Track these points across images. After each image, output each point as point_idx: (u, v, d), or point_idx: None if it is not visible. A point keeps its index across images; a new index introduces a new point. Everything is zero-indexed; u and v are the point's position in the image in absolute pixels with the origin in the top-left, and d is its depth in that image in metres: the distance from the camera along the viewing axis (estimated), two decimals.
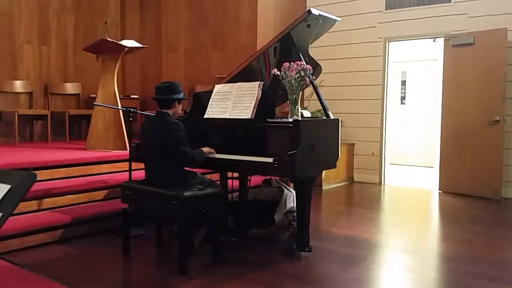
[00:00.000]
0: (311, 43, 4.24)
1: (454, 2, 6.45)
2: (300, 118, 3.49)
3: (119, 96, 5.64)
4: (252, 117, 3.50)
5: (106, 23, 5.89)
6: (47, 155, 4.96)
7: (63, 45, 7.31)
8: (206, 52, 7.46)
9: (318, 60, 4.22)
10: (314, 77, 3.79)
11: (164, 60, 7.97)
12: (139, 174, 3.97)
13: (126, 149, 5.02)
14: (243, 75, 4.06)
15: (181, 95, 3.53)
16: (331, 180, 6.82)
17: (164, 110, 3.49)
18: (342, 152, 5.85)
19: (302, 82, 3.49)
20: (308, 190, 3.57)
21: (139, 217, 3.72)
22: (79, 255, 3.61)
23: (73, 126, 7.09)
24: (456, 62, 6.28)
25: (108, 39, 5.35)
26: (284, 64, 3.51)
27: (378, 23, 7.08)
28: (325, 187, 6.68)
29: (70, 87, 7.32)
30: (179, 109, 3.56)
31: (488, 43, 5.96)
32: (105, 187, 4.55)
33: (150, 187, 3.42)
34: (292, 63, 3.50)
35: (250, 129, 3.55)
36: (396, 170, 8.15)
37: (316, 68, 4.07)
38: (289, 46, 3.94)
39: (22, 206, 3.79)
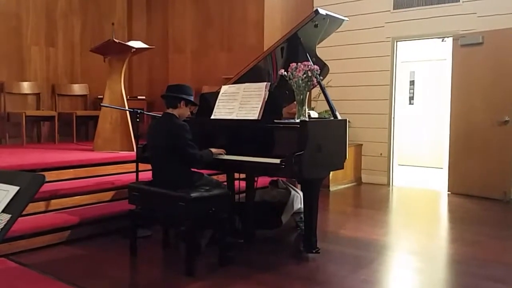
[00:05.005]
0: (318, 43, 4.22)
1: (463, 2, 6.40)
2: (307, 119, 3.47)
3: (126, 97, 5.65)
4: (259, 118, 3.49)
5: (113, 24, 5.91)
6: (55, 156, 4.97)
7: (70, 46, 7.34)
8: (213, 53, 7.46)
9: (325, 60, 4.20)
10: (321, 78, 3.77)
11: (171, 61, 7.99)
12: (146, 175, 3.97)
13: (133, 150, 5.03)
14: (250, 76, 4.06)
15: (190, 98, 3.51)
16: (338, 181, 6.79)
17: (170, 110, 3.48)
18: (349, 153, 5.83)
19: (309, 83, 3.47)
20: (315, 191, 3.55)
21: (146, 218, 3.72)
22: (86, 256, 3.61)
23: (80, 127, 7.11)
24: (465, 62, 6.23)
25: (115, 40, 5.36)
26: (291, 64, 3.50)
27: (386, 22, 7.05)
28: (332, 188, 6.65)
29: (77, 88, 7.35)
30: (185, 111, 3.53)
31: (497, 43, 5.91)
32: (112, 188, 4.55)
33: (157, 188, 3.42)
34: (299, 63, 3.48)
35: (257, 130, 3.54)
36: (404, 171, 8.10)
37: (324, 68, 4.05)
38: (296, 47, 3.92)
39: (30, 207, 3.79)
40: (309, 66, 3.45)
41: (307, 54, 3.83)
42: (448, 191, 6.44)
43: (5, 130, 6.41)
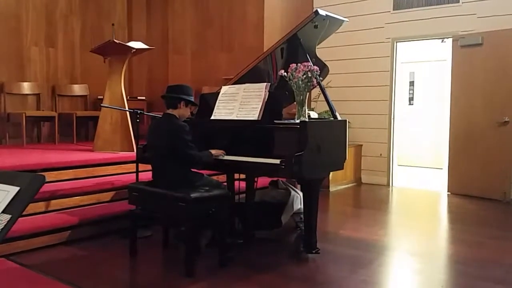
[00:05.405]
0: (318, 44, 4.22)
1: (462, 2, 6.40)
2: (307, 119, 3.47)
3: (126, 97, 5.65)
4: (259, 119, 3.49)
5: (113, 24, 5.91)
6: (55, 157, 4.97)
7: (70, 46, 7.34)
8: (213, 54, 7.47)
9: (325, 61, 4.21)
10: (321, 78, 3.78)
11: (170, 61, 7.99)
12: (146, 175, 3.98)
13: (133, 151, 5.03)
14: (250, 77, 4.06)
15: (190, 98, 3.52)
16: (338, 182, 6.79)
17: (170, 111, 3.48)
18: (349, 153, 5.83)
19: (309, 83, 3.47)
20: (315, 191, 3.55)
21: (146, 219, 3.72)
22: (86, 257, 3.61)
23: (80, 128, 7.11)
24: (464, 63, 6.23)
25: (115, 40, 5.36)
26: (291, 65, 3.50)
27: (386, 23, 7.05)
28: (332, 188, 6.65)
29: (77, 89, 7.35)
30: (185, 112, 3.53)
31: (497, 44, 5.91)
32: (112, 188, 4.56)
33: (157, 189, 3.42)
34: (299, 64, 3.48)
35: (257, 130, 3.54)
36: (404, 171, 8.10)
37: (323, 69, 4.05)
38: (296, 47, 3.92)
39: (30, 208, 3.79)
40: (309, 67, 3.45)
41: (307, 55, 3.83)
42: (447, 191, 6.44)
43: (5, 130, 6.41)
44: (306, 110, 3.57)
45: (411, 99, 9.46)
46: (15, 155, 5.04)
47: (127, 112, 5.42)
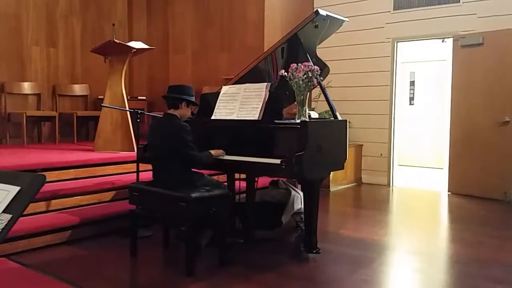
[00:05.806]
0: (318, 44, 4.22)
1: (463, 2, 6.40)
2: (307, 119, 3.47)
3: (127, 97, 5.65)
4: (260, 118, 3.49)
5: (113, 24, 5.92)
6: (55, 157, 4.98)
7: (71, 46, 7.34)
8: (213, 53, 7.47)
9: (325, 60, 4.20)
10: (321, 78, 3.78)
11: (171, 61, 8.00)
12: (147, 175, 3.98)
13: (134, 151, 5.03)
14: (251, 76, 4.06)
15: (191, 98, 3.52)
16: (339, 182, 6.79)
17: (171, 111, 3.48)
18: (350, 153, 5.81)
19: (309, 83, 3.47)
20: (315, 191, 3.56)
21: (146, 219, 3.72)
22: (87, 256, 3.62)
23: (80, 128, 7.12)
24: (465, 63, 6.23)
25: (115, 40, 5.36)
26: (291, 65, 3.50)
27: (386, 23, 7.05)
28: (333, 188, 6.65)
29: (78, 89, 7.35)
30: (187, 112, 3.53)
31: (497, 44, 5.91)
32: (112, 188, 4.56)
33: (158, 189, 3.42)
34: (299, 64, 3.48)
35: (257, 130, 3.54)
36: (404, 171, 8.10)
37: (324, 69, 4.05)
38: (296, 47, 3.92)
39: (30, 207, 3.79)
40: (310, 67, 3.45)
41: (308, 55, 3.83)
42: (448, 191, 6.44)
43: (6, 130, 6.42)
44: (307, 110, 3.57)
45: (411, 99, 9.46)
46: (15, 155, 5.04)
47: (128, 112, 5.42)
